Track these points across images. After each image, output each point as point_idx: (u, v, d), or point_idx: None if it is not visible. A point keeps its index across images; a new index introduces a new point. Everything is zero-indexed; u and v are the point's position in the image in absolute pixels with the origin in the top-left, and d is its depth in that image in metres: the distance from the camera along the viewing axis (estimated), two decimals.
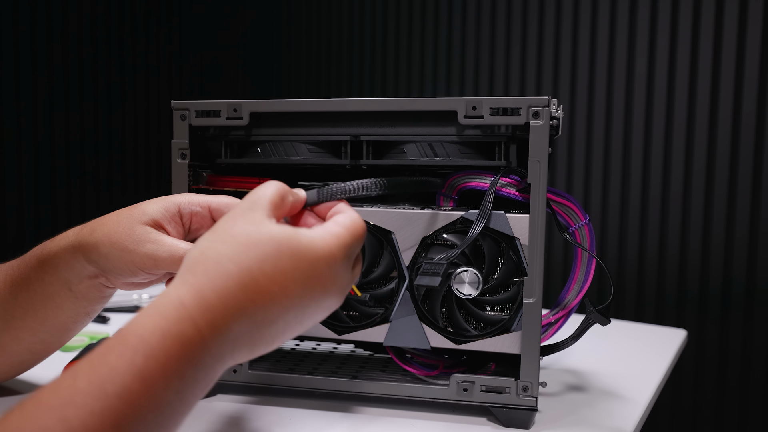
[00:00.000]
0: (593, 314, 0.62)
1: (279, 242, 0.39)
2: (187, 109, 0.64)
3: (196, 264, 0.38)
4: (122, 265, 0.53)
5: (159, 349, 0.34)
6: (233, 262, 0.37)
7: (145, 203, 0.56)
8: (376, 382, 0.63)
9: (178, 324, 0.35)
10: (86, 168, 1.66)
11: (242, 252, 0.38)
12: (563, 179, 1.46)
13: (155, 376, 0.33)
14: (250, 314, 0.37)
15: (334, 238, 0.42)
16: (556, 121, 0.59)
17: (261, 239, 0.39)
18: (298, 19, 1.86)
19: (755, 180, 1.28)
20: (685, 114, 1.33)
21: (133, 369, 0.33)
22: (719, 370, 1.33)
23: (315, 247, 0.40)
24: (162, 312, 0.35)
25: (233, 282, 0.37)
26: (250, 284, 0.37)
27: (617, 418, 0.64)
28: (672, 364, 0.83)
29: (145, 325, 0.34)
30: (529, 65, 1.51)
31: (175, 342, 0.34)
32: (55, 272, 0.56)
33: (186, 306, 0.35)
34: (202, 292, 0.36)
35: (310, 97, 1.73)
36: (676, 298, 1.36)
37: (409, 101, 0.61)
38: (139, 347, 0.33)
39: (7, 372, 0.63)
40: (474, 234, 0.57)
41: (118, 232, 0.53)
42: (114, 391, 0.32)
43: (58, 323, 0.59)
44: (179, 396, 0.35)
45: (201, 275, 0.37)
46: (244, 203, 0.42)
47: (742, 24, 1.27)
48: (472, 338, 0.60)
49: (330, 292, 0.42)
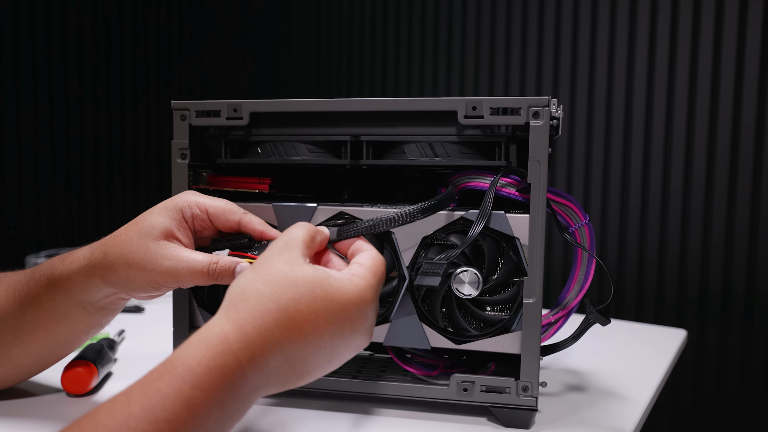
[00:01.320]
0: (593, 314, 0.62)
1: (313, 284, 0.42)
2: (187, 109, 0.64)
3: (239, 301, 0.41)
4: (143, 284, 0.54)
5: (204, 379, 0.37)
6: (272, 300, 0.41)
7: (150, 215, 0.55)
8: (376, 382, 0.63)
9: (222, 356, 0.38)
10: (86, 168, 1.66)
11: (280, 291, 0.41)
12: (563, 179, 1.46)
13: (200, 404, 0.36)
14: (285, 350, 0.41)
15: (362, 281, 0.45)
16: (556, 121, 0.59)
17: (297, 280, 0.42)
18: (298, 19, 1.86)
19: (755, 180, 1.27)
20: (685, 114, 1.33)
21: (181, 397, 0.36)
22: (719, 370, 1.33)
23: (345, 290, 0.44)
24: (208, 345, 0.38)
25: (272, 319, 0.40)
26: (287, 322, 0.41)
27: (617, 418, 0.64)
28: (672, 364, 0.83)
29: (193, 356, 0.38)
30: (529, 65, 1.51)
31: (218, 373, 0.37)
32: (68, 293, 0.57)
33: (229, 340, 0.39)
34: (244, 328, 0.39)
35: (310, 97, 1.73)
36: (676, 298, 1.36)
37: (409, 101, 0.61)
38: (187, 377, 0.37)
39: (13, 379, 0.64)
40: (474, 234, 0.57)
41: (132, 252, 0.54)
42: (163, 416, 0.35)
43: (71, 337, 0.60)
44: (219, 423, 0.38)
45: (244, 312, 0.40)
46: (279, 243, 0.46)
47: (742, 24, 1.27)
48: (472, 338, 0.60)
49: (358, 332, 0.45)
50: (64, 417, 0.61)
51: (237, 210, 0.56)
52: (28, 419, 0.60)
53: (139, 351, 0.81)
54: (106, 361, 0.69)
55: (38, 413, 0.61)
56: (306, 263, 0.44)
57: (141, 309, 1.03)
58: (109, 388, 0.68)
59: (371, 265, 0.47)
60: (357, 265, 0.47)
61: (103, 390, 0.68)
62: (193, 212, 0.56)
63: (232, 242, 0.58)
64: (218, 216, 0.56)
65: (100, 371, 0.67)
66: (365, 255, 0.48)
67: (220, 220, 0.56)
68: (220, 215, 0.56)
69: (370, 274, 0.46)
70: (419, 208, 0.55)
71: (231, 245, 0.58)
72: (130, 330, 0.89)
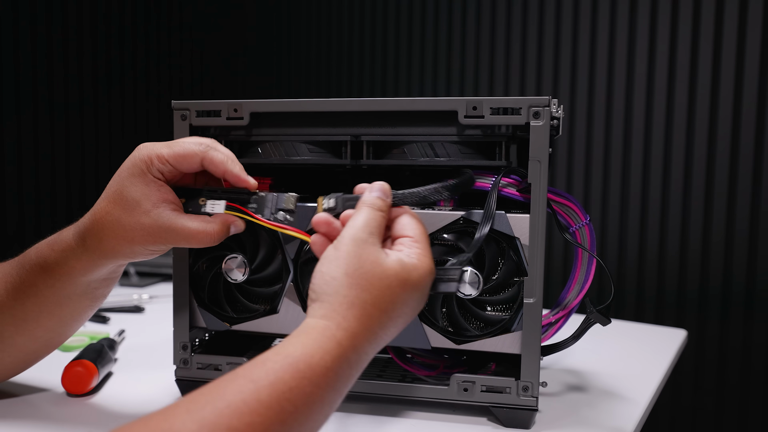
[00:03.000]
0: (593, 314, 0.62)
1: (403, 281, 0.48)
2: (188, 109, 0.64)
3: (345, 309, 0.46)
4: (145, 253, 0.57)
5: (323, 379, 0.43)
6: (376, 306, 0.46)
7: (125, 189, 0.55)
8: (376, 382, 0.63)
9: (338, 360, 0.44)
10: (86, 167, 1.66)
11: (380, 297, 0.46)
12: (563, 179, 1.46)
13: (316, 400, 0.42)
14: (379, 337, 0.47)
15: (427, 259, 0.50)
16: (556, 121, 0.59)
17: (390, 282, 0.47)
18: (298, 19, 1.86)
19: (755, 180, 1.28)
20: (685, 114, 1.33)
21: (303, 394, 0.41)
22: (719, 370, 1.33)
23: (421, 273, 0.49)
24: (326, 349, 0.43)
25: (376, 323, 0.46)
26: (386, 321, 0.47)
27: (617, 418, 0.64)
28: (672, 364, 0.83)
29: (313, 355, 0.43)
30: (529, 65, 1.51)
31: (334, 374, 0.43)
32: (69, 278, 0.57)
33: (344, 347, 0.44)
34: (355, 337, 0.45)
35: (310, 97, 1.73)
36: (676, 298, 1.36)
37: (410, 101, 0.61)
38: (307, 372, 0.42)
39: (22, 366, 0.64)
40: (481, 237, 0.57)
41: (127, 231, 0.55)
42: (287, 407, 0.41)
43: (76, 314, 0.61)
44: (330, 407, 0.44)
45: (352, 320, 0.45)
46: (361, 233, 0.49)
47: (742, 24, 1.27)
48: (472, 338, 0.60)
49: (424, 298, 0.51)
50: (64, 417, 0.61)
51: (196, 151, 0.55)
52: (28, 419, 0.60)
53: (139, 351, 0.81)
54: (106, 361, 0.69)
55: (38, 413, 0.61)
56: (387, 256, 0.48)
57: (141, 309, 1.03)
58: (109, 388, 0.68)
59: (425, 238, 0.51)
60: (416, 242, 0.50)
61: (103, 390, 0.68)
62: (158, 168, 0.55)
63: (229, 195, 0.57)
64: (180, 162, 0.55)
65: (100, 371, 0.67)
66: (412, 227, 0.51)
67: (183, 166, 0.55)
68: (182, 161, 0.55)
69: (427, 246, 0.51)
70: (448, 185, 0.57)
71: (228, 197, 0.57)
72: (130, 330, 0.89)
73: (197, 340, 0.68)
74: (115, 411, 0.63)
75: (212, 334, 0.71)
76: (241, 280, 0.63)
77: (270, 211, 0.57)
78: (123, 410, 0.63)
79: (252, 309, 0.65)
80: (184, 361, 0.65)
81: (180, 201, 0.56)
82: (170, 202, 0.55)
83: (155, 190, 0.55)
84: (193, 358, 0.65)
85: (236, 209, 0.57)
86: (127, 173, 0.55)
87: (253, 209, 0.57)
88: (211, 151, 0.55)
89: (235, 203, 0.57)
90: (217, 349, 0.69)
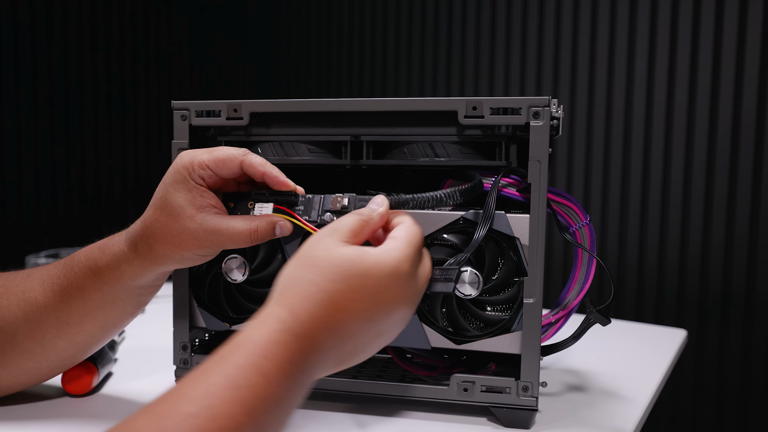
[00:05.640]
0: (593, 314, 0.62)
1: (349, 262, 0.45)
2: (188, 109, 0.64)
3: (286, 289, 0.44)
4: (193, 258, 0.58)
5: (272, 350, 0.40)
6: (313, 283, 0.44)
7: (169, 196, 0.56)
8: (376, 382, 0.63)
9: (281, 333, 0.41)
10: (86, 167, 1.66)
11: (320, 274, 0.44)
12: (563, 179, 1.46)
13: (272, 373, 0.40)
14: (333, 328, 0.44)
15: (396, 253, 0.47)
16: (556, 121, 0.59)
17: (334, 262, 0.45)
18: (298, 19, 1.86)
19: (755, 180, 1.27)
20: (685, 114, 1.33)
21: (255, 367, 0.39)
22: (719, 370, 1.33)
23: (381, 264, 0.45)
24: (267, 325, 0.42)
25: (317, 300, 0.43)
26: (329, 301, 0.43)
27: (617, 418, 0.64)
28: (672, 364, 0.83)
29: (257, 334, 0.41)
30: (529, 65, 1.51)
31: (282, 347, 0.41)
32: (118, 282, 0.58)
33: (285, 321, 0.42)
34: (294, 311, 0.43)
35: (310, 97, 1.73)
36: (676, 298, 1.36)
37: (409, 101, 0.61)
38: (255, 350, 0.40)
39: (55, 372, 0.64)
40: (480, 237, 0.57)
41: (175, 237, 0.56)
42: (243, 384, 0.38)
43: (118, 321, 0.61)
44: (289, 395, 0.41)
45: (292, 297, 0.43)
46: (326, 229, 0.48)
47: (742, 24, 1.27)
48: (472, 338, 0.60)
49: (399, 303, 0.47)
50: (64, 417, 0.61)
51: (235, 154, 0.57)
52: (28, 420, 0.60)
53: (140, 351, 0.81)
54: (107, 361, 0.69)
55: (38, 413, 0.61)
56: (345, 245, 0.46)
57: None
58: (109, 388, 0.68)
59: (406, 236, 0.49)
60: (392, 238, 0.49)
61: (103, 390, 0.68)
62: (199, 174, 0.57)
63: (276, 197, 0.58)
64: (220, 167, 0.57)
65: (100, 371, 0.67)
66: (401, 227, 0.50)
67: (224, 170, 0.57)
68: (222, 166, 0.57)
69: (404, 245, 0.48)
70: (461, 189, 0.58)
71: (275, 200, 0.58)
72: (130, 330, 0.89)
73: (197, 340, 0.69)
74: (115, 411, 0.63)
75: (212, 334, 0.71)
76: (241, 281, 0.63)
77: (317, 212, 0.58)
78: (123, 410, 0.63)
79: (252, 309, 0.65)
80: (184, 361, 0.65)
81: (224, 206, 0.58)
82: (213, 206, 0.57)
83: (198, 195, 0.56)
84: (193, 358, 0.65)
85: (283, 212, 0.57)
86: (170, 180, 0.57)
87: (299, 211, 0.58)
88: (250, 154, 0.57)
89: (282, 206, 0.58)
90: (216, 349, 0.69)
